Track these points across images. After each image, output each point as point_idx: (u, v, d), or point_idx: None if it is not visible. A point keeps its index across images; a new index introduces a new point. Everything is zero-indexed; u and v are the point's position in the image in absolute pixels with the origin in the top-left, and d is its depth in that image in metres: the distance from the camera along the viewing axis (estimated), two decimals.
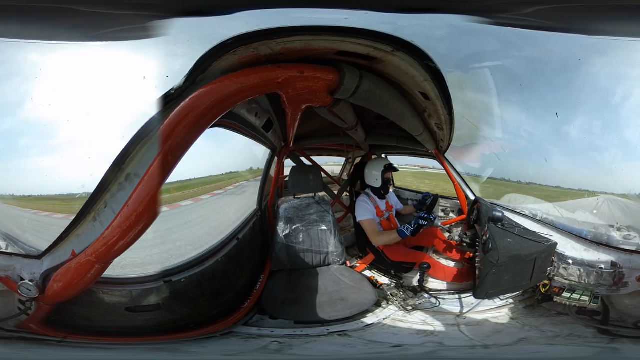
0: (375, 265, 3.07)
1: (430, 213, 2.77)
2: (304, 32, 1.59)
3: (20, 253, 1.74)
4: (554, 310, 2.16)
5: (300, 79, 1.68)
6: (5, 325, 1.82)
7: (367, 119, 3.30)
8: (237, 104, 1.65)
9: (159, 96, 1.49)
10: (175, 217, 2.09)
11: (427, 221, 2.68)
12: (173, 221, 2.07)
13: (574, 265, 2.09)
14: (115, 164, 1.55)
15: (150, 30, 1.62)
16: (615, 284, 2.01)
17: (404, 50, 1.70)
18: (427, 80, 1.89)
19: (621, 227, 2.05)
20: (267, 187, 3.16)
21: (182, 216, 2.15)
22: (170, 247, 1.99)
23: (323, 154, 5.06)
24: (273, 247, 2.90)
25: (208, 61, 1.53)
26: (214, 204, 2.44)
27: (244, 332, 2.08)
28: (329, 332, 2.07)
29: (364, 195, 3.20)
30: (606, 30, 1.76)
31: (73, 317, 1.84)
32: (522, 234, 2.19)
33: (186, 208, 2.13)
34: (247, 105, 2.25)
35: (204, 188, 2.28)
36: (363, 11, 1.63)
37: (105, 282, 1.75)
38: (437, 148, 3.11)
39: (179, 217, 2.13)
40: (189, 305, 1.97)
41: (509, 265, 2.08)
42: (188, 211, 2.17)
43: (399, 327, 2.18)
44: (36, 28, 1.65)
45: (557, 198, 2.25)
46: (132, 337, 1.89)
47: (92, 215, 1.61)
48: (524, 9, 1.72)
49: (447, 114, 2.25)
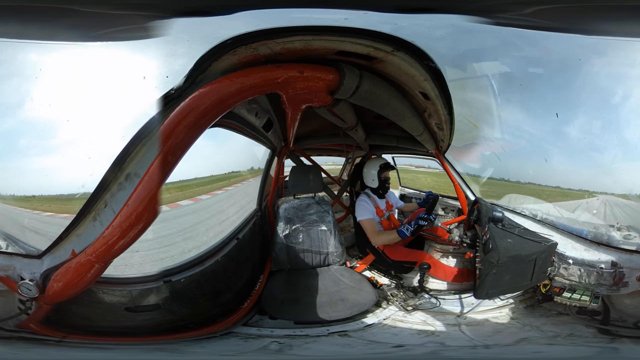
0: (375, 266, 3.07)
1: (430, 213, 2.76)
2: (304, 32, 1.59)
3: (20, 253, 1.74)
4: (555, 310, 2.15)
5: (300, 79, 1.68)
6: (5, 325, 1.82)
7: (367, 119, 3.29)
8: (237, 104, 1.65)
9: (159, 96, 1.49)
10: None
11: (427, 221, 2.68)
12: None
13: (574, 265, 2.09)
14: (115, 164, 1.55)
15: (150, 30, 1.62)
16: (615, 283, 2.01)
17: (404, 50, 1.70)
18: (427, 80, 1.89)
19: (621, 227, 2.04)
20: (267, 187, 3.16)
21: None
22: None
23: (323, 154, 5.06)
24: (273, 247, 2.90)
25: (208, 61, 1.53)
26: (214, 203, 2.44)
27: (244, 332, 2.07)
28: (329, 333, 2.06)
29: (363, 195, 3.20)
30: (606, 30, 1.76)
31: (73, 317, 1.84)
32: (522, 234, 2.19)
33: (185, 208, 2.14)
34: (247, 105, 2.25)
35: (204, 188, 2.28)
36: (363, 11, 1.64)
37: (105, 282, 1.75)
38: (437, 148, 3.11)
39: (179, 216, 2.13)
40: (188, 305, 1.97)
41: (509, 265, 2.08)
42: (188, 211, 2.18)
43: (399, 327, 2.18)
44: (36, 28, 1.66)
45: (556, 198, 2.25)
46: (131, 337, 1.89)
47: (92, 214, 1.61)
48: (524, 9, 1.72)
49: (447, 114, 2.25)
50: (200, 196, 2.27)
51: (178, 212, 2.11)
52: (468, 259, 2.83)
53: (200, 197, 2.27)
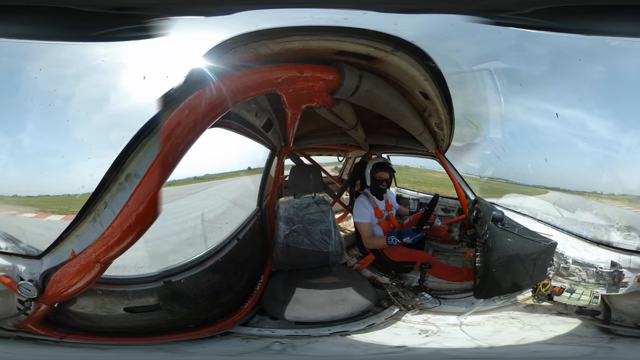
0: (375, 265, 3.07)
1: (419, 230, 2.74)
2: (304, 32, 1.59)
3: (20, 253, 1.74)
4: (554, 310, 2.16)
5: (300, 79, 1.68)
6: (5, 324, 1.82)
7: (367, 119, 3.29)
8: (237, 104, 1.65)
9: (159, 96, 1.49)
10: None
11: (413, 239, 2.71)
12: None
13: (574, 265, 2.09)
14: (115, 164, 1.54)
15: (150, 30, 1.62)
16: (615, 283, 2.02)
17: (404, 50, 1.71)
18: (427, 80, 1.89)
19: (621, 227, 2.05)
20: (267, 187, 3.15)
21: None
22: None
23: (323, 154, 5.05)
24: (273, 247, 2.90)
25: (208, 61, 1.53)
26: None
27: (245, 333, 2.07)
28: (331, 333, 2.06)
29: (362, 196, 3.19)
30: (606, 30, 1.76)
31: (72, 317, 1.84)
32: (522, 234, 2.19)
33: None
34: (247, 105, 2.25)
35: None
36: (363, 11, 1.64)
37: (105, 282, 1.75)
38: (437, 148, 3.11)
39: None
40: (188, 305, 1.96)
41: (509, 265, 2.08)
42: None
43: (400, 327, 2.18)
44: (36, 28, 1.65)
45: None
46: (131, 337, 1.89)
47: (92, 215, 1.61)
48: (524, 9, 1.72)
49: (447, 114, 2.25)
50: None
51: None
52: (468, 258, 2.84)
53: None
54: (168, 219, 1.79)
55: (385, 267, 3.01)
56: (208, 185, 2.33)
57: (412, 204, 4.21)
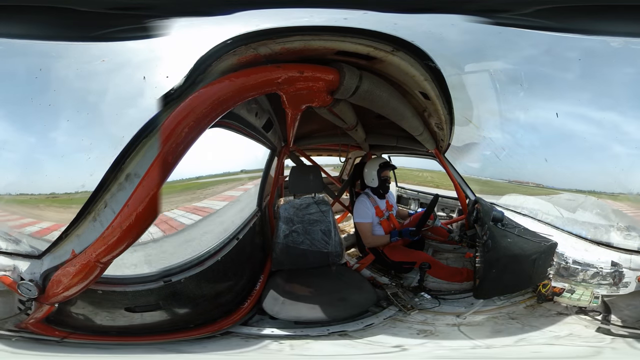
0: (375, 266, 3.07)
1: (417, 234, 2.93)
2: (304, 32, 1.59)
3: (20, 253, 1.74)
4: (554, 310, 2.15)
5: (300, 79, 1.68)
6: (5, 325, 1.82)
7: (367, 119, 3.29)
8: (237, 104, 1.65)
9: (159, 96, 1.50)
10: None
11: (413, 236, 2.92)
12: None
13: (574, 265, 2.09)
14: (115, 164, 1.55)
15: (150, 30, 1.62)
16: (615, 283, 2.01)
17: (404, 50, 1.70)
18: (427, 80, 1.89)
19: (621, 227, 2.05)
20: (267, 187, 3.15)
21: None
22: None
23: (323, 154, 5.05)
24: (273, 247, 2.90)
25: (208, 61, 1.53)
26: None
27: (244, 332, 2.07)
28: (329, 332, 2.06)
29: (363, 196, 3.20)
30: (606, 30, 1.76)
31: (73, 317, 1.85)
32: (522, 234, 2.19)
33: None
34: (247, 105, 2.25)
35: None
36: (363, 11, 1.64)
37: (105, 282, 1.76)
38: (437, 148, 3.11)
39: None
40: (188, 305, 1.97)
41: (509, 265, 2.08)
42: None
43: (399, 327, 2.18)
44: (36, 28, 1.66)
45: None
46: (132, 337, 1.89)
47: (92, 215, 1.61)
48: (524, 9, 1.72)
49: (447, 114, 2.25)
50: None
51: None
52: (468, 258, 2.84)
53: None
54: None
55: (385, 267, 3.01)
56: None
57: (413, 204, 4.22)
